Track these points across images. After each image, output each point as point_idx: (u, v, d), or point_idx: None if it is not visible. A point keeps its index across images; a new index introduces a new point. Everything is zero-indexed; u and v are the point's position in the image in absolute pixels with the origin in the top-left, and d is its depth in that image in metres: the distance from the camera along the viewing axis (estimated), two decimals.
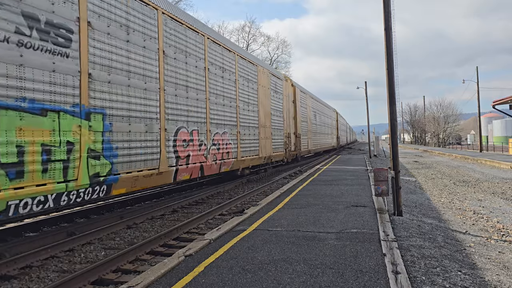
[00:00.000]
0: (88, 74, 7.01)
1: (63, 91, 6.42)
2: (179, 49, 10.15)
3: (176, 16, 10.04)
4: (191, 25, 10.87)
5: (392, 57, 8.68)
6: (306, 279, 4.44)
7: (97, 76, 7.21)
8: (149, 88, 8.75)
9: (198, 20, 11.96)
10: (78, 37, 6.81)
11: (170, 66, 9.63)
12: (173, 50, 9.82)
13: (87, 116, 6.90)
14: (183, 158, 10.11)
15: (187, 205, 10.93)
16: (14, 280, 5.33)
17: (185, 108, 10.35)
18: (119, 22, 7.88)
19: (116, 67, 7.74)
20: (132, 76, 8.19)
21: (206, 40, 11.74)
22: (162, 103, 9.17)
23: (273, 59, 56.60)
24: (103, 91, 7.36)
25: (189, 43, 10.71)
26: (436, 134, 72.07)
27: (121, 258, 5.87)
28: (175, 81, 9.85)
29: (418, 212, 9.59)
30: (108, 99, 7.47)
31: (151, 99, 8.78)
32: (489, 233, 7.88)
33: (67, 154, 6.41)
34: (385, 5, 8.67)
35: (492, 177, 17.87)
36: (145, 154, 8.46)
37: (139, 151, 8.27)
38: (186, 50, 10.51)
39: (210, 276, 4.60)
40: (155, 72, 8.98)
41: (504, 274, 5.32)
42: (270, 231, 6.70)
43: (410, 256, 5.48)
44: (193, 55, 10.92)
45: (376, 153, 35.45)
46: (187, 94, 10.46)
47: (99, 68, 7.28)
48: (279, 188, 12.68)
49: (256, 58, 18.44)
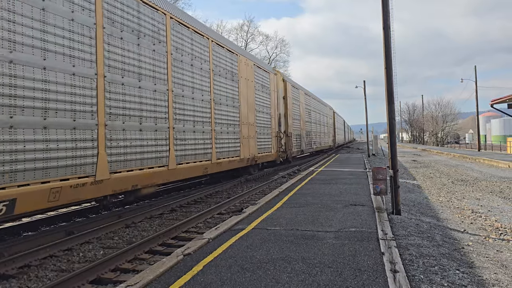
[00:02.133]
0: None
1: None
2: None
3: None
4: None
5: (390, 56, 8.69)
6: (304, 278, 4.45)
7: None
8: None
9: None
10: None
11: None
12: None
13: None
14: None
15: (185, 204, 10.93)
16: (13, 280, 5.33)
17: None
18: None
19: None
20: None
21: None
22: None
23: (272, 58, 56.64)
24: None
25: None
26: (435, 133, 72.21)
27: (119, 257, 5.86)
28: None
29: (416, 211, 9.61)
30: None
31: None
32: (487, 232, 7.90)
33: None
34: (383, 4, 8.67)
35: (490, 176, 17.91)
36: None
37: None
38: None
39: (209, 275, 4.60)
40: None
41: (502, 272, 5.33)
42: (269, 230, 6.71)
43: (409, 255, 5.49)
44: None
45: (375, 152, 35.49)
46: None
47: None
48: (278, 187, 12.67)
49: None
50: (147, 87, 9.11)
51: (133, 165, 8.44)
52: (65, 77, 6.82)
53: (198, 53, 11.68)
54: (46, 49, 6.47)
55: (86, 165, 7.16)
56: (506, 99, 24.82)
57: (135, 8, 8.87)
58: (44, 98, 6.40)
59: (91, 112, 7.38)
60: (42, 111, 6.35)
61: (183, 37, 10.93)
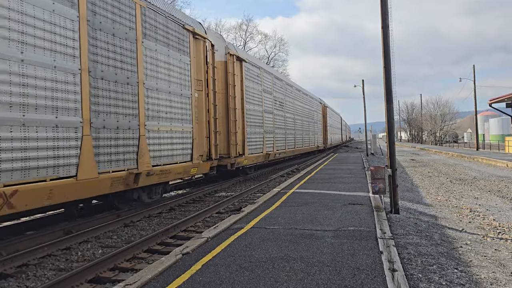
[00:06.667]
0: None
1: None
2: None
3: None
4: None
5: (389, 55, 8.70)
6: (303, 276, 4.45)
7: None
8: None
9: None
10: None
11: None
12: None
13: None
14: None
15: (184, 203, 10.92)
16: (11, 279, 5.32)
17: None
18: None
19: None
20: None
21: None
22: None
23: (270, 57, 56.62)
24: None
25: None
26: (433, 132, 72.33)
27: (118, 256, 5.86)
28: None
29: (414, 210, 9.63)
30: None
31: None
32: (485, 231, 7.92)
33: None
34: (382, 4, 8.67)
35: (488, 175, 17.95)
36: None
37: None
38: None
39: (208, 274, 4.60)
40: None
41: (500, 271, 5.35)
42: (268, 229, 6.71)
43: (407, 254, 5.50)
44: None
45: (374, 151, 35.52)
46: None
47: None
48: (277, 186, 12.68)
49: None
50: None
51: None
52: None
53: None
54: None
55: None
56: (504, 98, 24.90)
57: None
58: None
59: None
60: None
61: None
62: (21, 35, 6.16)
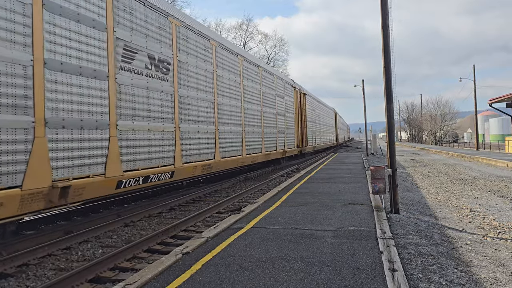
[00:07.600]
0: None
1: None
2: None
3: None
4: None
5: (389, 55, 8.69)
6: (303, 276, 4.45)
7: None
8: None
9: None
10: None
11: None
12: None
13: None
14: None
15: (184, 203, 10.92)
16: (11, 278, 5.32)
17: None
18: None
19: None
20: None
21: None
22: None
23: (271, 57, 56.58)
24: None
25: None
26: (433, 132, 72.30)
27: (118, 256, 5.86)
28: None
29: (415, 210, 9.63)
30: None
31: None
32: (485, 231, 7.92)
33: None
34: (382, 3, 8.67)
35: (488, 175, 17.95)
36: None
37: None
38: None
39: (208, 274, 4.61)
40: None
41: (500, 271, 5.35)
42: (268, 229, 6.71)
43: (407, 254, 5.50)
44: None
45: (374, 151, 35.51)
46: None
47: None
48: (277, 186, 12.69)
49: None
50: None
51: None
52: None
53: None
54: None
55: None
56: (504, 98, 24.88)
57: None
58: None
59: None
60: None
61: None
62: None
